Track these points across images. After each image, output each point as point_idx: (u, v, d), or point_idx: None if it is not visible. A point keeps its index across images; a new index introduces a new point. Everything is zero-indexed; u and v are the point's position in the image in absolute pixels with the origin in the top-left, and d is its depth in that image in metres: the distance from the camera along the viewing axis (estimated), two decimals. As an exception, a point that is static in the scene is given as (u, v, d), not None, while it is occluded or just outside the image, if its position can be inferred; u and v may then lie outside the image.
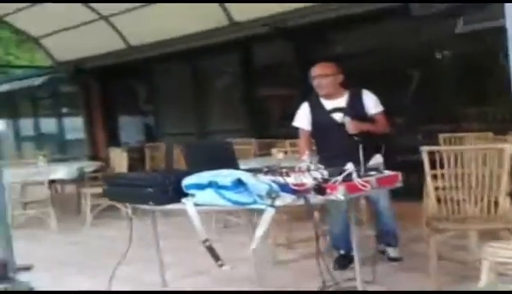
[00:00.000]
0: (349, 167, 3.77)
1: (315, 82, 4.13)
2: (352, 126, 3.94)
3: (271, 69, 8.42)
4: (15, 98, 14.43)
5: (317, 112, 4.20)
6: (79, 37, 9.60)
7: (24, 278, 4.51)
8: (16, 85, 13.27)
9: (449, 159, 3.60)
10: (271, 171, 2.92)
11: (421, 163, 3.58)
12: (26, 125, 14.60)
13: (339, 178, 2.65)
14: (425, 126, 6.84)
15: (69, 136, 13.14)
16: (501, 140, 4.47)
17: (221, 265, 2.60)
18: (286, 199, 2.60)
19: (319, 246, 2.68)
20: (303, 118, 4.29)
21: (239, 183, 2.60)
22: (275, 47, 8.01)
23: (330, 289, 3.41)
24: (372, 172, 2.88)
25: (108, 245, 5.36)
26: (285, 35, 7.34)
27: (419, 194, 4.43)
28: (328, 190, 2.63)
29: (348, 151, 3.78)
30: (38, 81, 12.03)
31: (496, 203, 3.44)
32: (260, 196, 2.57)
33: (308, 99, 4.31)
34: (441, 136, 5.68)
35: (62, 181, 8.11)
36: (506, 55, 1.77)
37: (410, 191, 3.74)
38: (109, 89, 11.22)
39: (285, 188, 2.68)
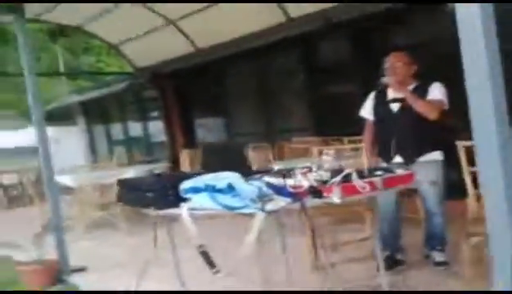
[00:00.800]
0: (397, 160, 3.64)
1: (389, 70, 3.98)
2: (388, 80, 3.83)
3: (335, 65, 8.20)
4: (105, 104, 15.22)
5: (379, 101, 4.12)
6: (153, 43, 10.00)
7: (76, 279, 4.78)
8: (104, 91, 13.99)
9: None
10: (276, 172, 2.87)
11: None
12: (116, 129, 15.35)
13: (336, 179, 2.52)
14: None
15: (154, 139, 13.65)
16: None
17: (216, 273, 2.56)
18: (280, 203, 2.52)
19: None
20: (367, 108, 4.21)
21: (231, 187, 2.56)
22: (336, 43, 7.82)
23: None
24: (379, 172, 2.71)
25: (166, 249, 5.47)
26: (342, 29, 7.13)
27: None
28: (324, 193, 2.51)
29: (402, 144, 3.68)
30: (119, 87, 12.59)
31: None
32: (253, 200, 2.51)
33: (376, 89, 4.20)
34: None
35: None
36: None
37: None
38: (184, 92, 11.52)
39: (281, 190, 2.60)
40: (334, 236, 4.73)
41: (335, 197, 2.47)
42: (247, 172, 2.99)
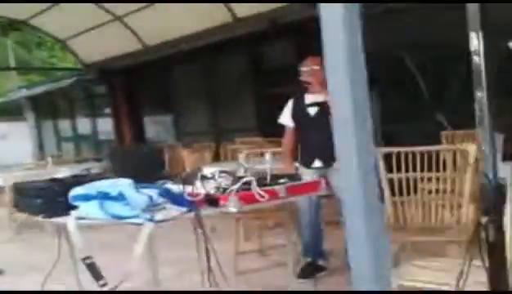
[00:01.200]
0: (317, 164, 3.54)
1: (307, 74, 3.89)
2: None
3: (282, 66, 8.09)
4: (54, 99, 14.78)
5: (297, 107, 4.05)
6: (101, 39, 9.72)
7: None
8: (52, 86, 13.57)
9: (406, 162, 3.23)
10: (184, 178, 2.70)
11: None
12: (65, 125, 14.92)
13: (234, 187, 2.36)
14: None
15: (103, 137, 13.29)
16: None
17: (103, 285, 2.37)
18: (171, 212, 2.35)
19: (210, 263, 2.37)
20: (286, 115, 4.10)
21: (122, 195, 2.37)
22: (281, 44, 7.70)
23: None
24: (283, 179, 2.57)
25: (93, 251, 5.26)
26: (288, 31, 7.03)
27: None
28: (221, 201, 2.36)
29: (320, 148, 3.59)
30: (67, 82, 12.22)
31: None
32: (143, 209, 2.33)
33: (295, 95, 4.08)
34: (443, 134, 5.22)
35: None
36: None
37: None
38: (134, 89, 11.24)
39: (178, 198, 2.43)
40: (262, 241, 4.66)
41: (231, 206, 2.32)
42: (154, 177, 2.82)
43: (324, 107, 3.72)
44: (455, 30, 1.78)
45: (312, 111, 3.85)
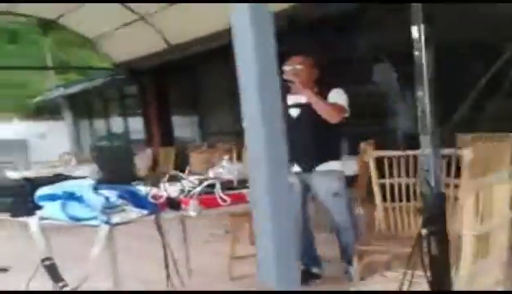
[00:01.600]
0: (296, 169, 3.43)
1: (290, 73, 3.75)
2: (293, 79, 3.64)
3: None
4: (90, 99, 15.05)
5: None
6: (127, 39, 9.79)
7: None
8: (86, 85, 13.80)
9: (399, 166, 3.07)
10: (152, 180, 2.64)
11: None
12: (100, 125, 15.16)
13: (196, 190, 2.29)
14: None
15: (134, 136, 13.42)
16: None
17: (62, 287, 2.34)
18: (130, 215, 2.29)
19: (168, 269, 2.30)
20: None
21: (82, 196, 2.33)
22: (293, 42, 7.58)
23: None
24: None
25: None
26: (302, 29, 6.90)
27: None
28: (183, 205, 2.29)
29: (301, 152, 3.46)
30: (100, 82, 12.40)
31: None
32: (101, 211, 2.28)
33: None
34: (459, 137, 4.94)
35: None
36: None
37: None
38: (162, 89, 11.30)
39: (140, 200, 2.37)
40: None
41: (191, 210, 2.24)
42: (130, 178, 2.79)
43: (306, 109, 3.58)
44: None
45: (294, 112, 3.69)
